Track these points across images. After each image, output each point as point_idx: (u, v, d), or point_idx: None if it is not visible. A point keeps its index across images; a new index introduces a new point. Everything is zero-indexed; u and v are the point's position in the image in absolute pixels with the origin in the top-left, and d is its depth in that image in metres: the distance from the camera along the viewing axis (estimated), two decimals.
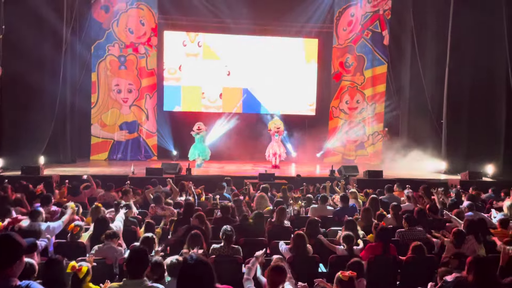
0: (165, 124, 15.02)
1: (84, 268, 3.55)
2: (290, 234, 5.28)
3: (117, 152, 14.68)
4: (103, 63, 14.47)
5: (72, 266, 3.54)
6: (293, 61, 15.96)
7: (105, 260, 4.39)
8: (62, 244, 4.97)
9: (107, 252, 4.49)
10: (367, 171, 10.82)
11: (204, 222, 5.27)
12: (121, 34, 14.52)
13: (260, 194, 7.34)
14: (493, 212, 6.93)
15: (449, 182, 10.97)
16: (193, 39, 15.42)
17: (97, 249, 4.55)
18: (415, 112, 14.70)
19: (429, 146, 13.53)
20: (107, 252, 4.49)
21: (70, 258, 3.73)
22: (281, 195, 7.81)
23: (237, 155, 14.74)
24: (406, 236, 5.36)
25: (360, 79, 15.86)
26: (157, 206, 6.64)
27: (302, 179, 10.23)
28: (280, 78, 15.89)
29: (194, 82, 15.49)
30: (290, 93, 15.98)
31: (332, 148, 15.72)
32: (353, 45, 15.70)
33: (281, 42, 15.85)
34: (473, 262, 3.36)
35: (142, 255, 3.10)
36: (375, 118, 15.87)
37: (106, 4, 14.32)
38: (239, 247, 4.77)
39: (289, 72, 15.95)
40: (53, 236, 5.11)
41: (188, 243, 4.46)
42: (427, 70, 14.10)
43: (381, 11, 15.49)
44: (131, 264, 3.04)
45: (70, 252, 4.56)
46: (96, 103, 14.52)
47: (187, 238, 4.54)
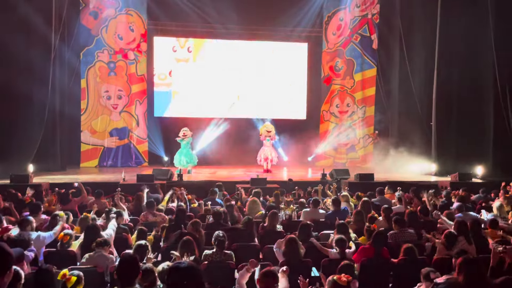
0: (155, 130, 14.96)
1: (73, 278, 3.52)
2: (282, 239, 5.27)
3: (107, 159, 14.58)
4: (92, 69, 14.39)
5: (63, 274, 3.51)
6: (283, 66, 16.02)
7: (96, 268, 4.35)
8: (52, 253, 4.91)
9: (98, 260, 4.45)
10: (358, 174, 10.86)
11: (198, 230, 5.26)
12: (110, 40, 14.46)
13: (252, 199, 7.34)
14: (483, 213, 6.99)
15: (439, 184, 11.06)
16: (183, 44, 15.42)
17: (88, 257, 4.51)
18: (404, 114, 14.83)
19: (419, 148, 13.63)
20: (98, 260, 4.45)
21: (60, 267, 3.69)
22: (273, 199, 7.81)
23: (228, 160, 14.73)
24: (397, 238, 5.39)
25: (350, 83, 15.97)
26: (148, 212, 6.59)
27: (294, 183, 10.24)
28: (270, 83, 15.95)
29: (185, 88, 15.47)
30: (281, 97, 16.04)
31: (323, 151, 15.79)
32: (342, 49, 15.82)
33: (271, 46, 15.91)
34: (463, 262, 3.37)
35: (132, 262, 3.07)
36: (365, 121, 15.99)
37: (95, 10, 14.28)
38: (231, 253, 4.76)
39: (279, 77, 16.02)
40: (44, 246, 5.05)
41: (180, 249, 4.44)
42: (416, 73, 14.23)
43: (370, 15, 15.65)
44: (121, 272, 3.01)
45: (61, 260, 4.51)
46: (86, 109, 14.43)
47: (179, 244, 4.51)
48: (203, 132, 14.92)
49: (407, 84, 14.39)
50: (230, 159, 14.74)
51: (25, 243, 4.57)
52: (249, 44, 15.78)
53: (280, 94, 16.02)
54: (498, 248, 4.04)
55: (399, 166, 13.51)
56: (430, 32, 13.47)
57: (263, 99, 15.91)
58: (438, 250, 5.01)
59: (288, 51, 16.04)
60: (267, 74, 15.91)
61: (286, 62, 16.05)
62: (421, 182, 11.26)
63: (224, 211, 6.21)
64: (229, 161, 14.72)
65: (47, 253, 4.93)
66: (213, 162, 14.81)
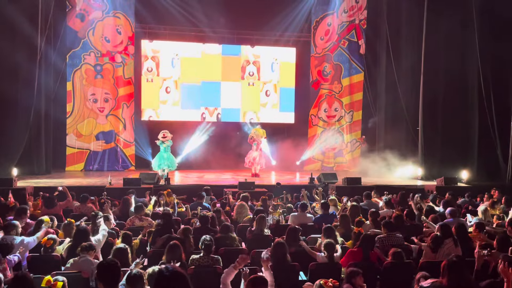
0: (142, 134, 14.86)
1: (59, 284, 3.46)
2: (270, 243, 5.27)
3: (93, 162, 14.43)
4: (78, 72, 14.25)
5: (47, 281, 3.45)
6: (271, 70, 16.08)
7: (81, 273, 4.29)
8: (36, 258, 4.83)
9: (82, 265, 4.39)
10: (346, 178, 10.93)
11: (188, 236, 5.23)
12: (97, 43, 14.35)
13: (240, 203, 7.33)
14: (468, 216, 7.09)
15: (426, 188, 11.18)
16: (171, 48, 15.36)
17: (73, 262, 4.45)
18: (391, 119, 14.99)
19: (406, 153, 13.78)
20: (83, 265, 4.39)
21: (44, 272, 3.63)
22: (261, 204, 7.81)
23: (216, 164, 14.69)
24: (385, 242, 5.42)
25: (337, 88, 16.09)
26: (136, 216, 6.54)
27: (282, 187, 10.26)
28: (259, 87, 16.00)
29: (172, 91, 15.42)
30: (270, 101, 16.09)
31: (312, 156, 15.85)
32: (330, 54, 15.94)
33: (259, 51, 15.96)
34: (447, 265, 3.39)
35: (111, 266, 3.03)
36: (353, 126, 16.11)
37: (81, 13, 14.15)
38: (218, 257, 4.74)
39: (267, 81, 16.07)
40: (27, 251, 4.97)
41: (166, 254, 4.41)
42: (403, 78, 14.40)
43: (357, 21, 15.81)
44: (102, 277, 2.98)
45: (45, 266, 4.44)
46: (72, 112, 14.27)
47: (166, 248, 4.48)
48: (191, 136, 14.88)
49: (394, 89, 14.55)
50: (218, 163, 14.70)
51: (8, 248, 4.49)
52: (237, 49, 15.78)
53: (269, 98, 16.07)
54: (482, 251, 4.09)
55: (386, 170, 13.62)
56: (416, 37, 13.67)
57: (252, 103, 15.95)
58: (425, 254, 5.06)
59: (276, 56, 16.11)
60: (256, 78, 15.95)
61: (275, 66, 16.11)
62: (408, 186, 11.37)
63: (211, 215, 6.19)
64: (217, 165, 14.68)
65: (30, 258, 4.85)
66: (201, 166, 14.75)
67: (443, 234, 5.10)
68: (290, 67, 16.21)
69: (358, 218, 6.25)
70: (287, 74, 16.18)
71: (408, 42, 14.27)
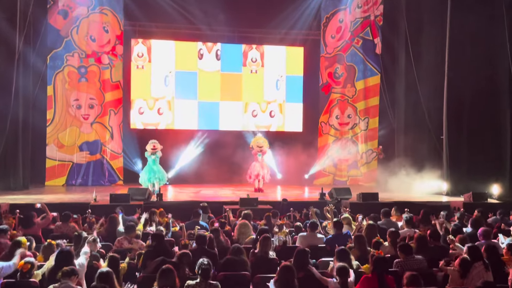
0: (132, 144, 14.90)
1: None
2: (276, 267, 5.25)
3: (76, 176, 14.46)
4: (60, 75, 14.36)
5: None
6: (276, 72, 16.17)
7: None
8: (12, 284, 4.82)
9: None
10: (361, 194, 10.90)
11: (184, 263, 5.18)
12: (82, 43, 14.47)
13: (242, 222, 7.31)
14: (501, 237, 7.03)
15: (452, 204, 11.15)
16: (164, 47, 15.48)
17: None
18: (412, 127, 14.97)
19: (429, 165, 13.72)
20: None
21: None
22: (264, 222, 7.79)
23: (214, 177, 14.69)
24: (405, 266, 5.39)
25: (351, 91, 16.13)
26: (125, 238, 6.52)
27: (289, 203, 10.24)
28: (262, 91, 16.06)
29: (165, 96, 15.50)
30: (274, 107, 16.14)
31: (322, 168, 15.84)
32: (342, 54, 16.01)
33: (263, 51, 16.06)
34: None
35: None
36: (369, 134, 16.11)
37: (64, 9, 14.29)
38: (217, 283, 4.72)
39: (272, 84, 16.14)
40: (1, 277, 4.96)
41: (158, 280, 4.40)
42: (424, 80, 14.41)
43: (372, 17, 15.90)
44: None
45: None
46: (53, 120, 14.34)
47: (158, 273, 4.47)
48: (186, 146, 14.90)
49: (414, 92, 14.55)
50: (216, 177, 14.70)
51: None
52: (238, 48, 15.89)
53: (274, 104, 16.14)
54: None
55: (407, 185, 13.56)
56: (439, 35, 13.69)
57: (254, 109, 16.02)
58: (452, 279, 5.02)
59: (282, 56, 16.19)
60: (259, 82, 16.03)
61: (280, 68, 16.19)
62: (431, 202, 11.34)
63: (209, 235, 6.18)
64: (215, 179, 14.68)
65: (4, 284, 4.84)
66: (197, 180, 14.75)
67: (472, 257, 5.06)
68: (297, 69, 16.27)
69: (376, 239, 6.22)
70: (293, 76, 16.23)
71: (430, 40, 14.30)
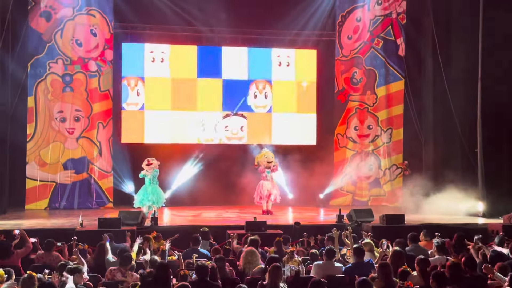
0: (123, 161, 14.94)
1: None
2: None
3: (60, 198, 14.49)
4: (42, 84, 14.47)
5: None
6: (286, 78, 16.23)
7: None
8: None
9: None
10: (385, 216, 10.83)
11: None
12: (66, 47, 14.61)
13: (249, 249, 7.27)
14: None
15: (489, 227, 11.06)
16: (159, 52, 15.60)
17: None
18: (442, 139, 14.91)
19: (462, 182, 13.62)
20: None
21: None
22: (274, 249, 7.75)
23: (216, 198, 14.69)
24: None
25: (371, 99, 16.13)
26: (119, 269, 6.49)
27: (302, 228, 10.19)
28: (270, 99, 16.11)
29: (161, 106, 15.59)
30: (284, 117, 16.17)
31: (339, 187, 15.78)
32: (361, 57, 16.05)
33: (270, 54, 16.14)
34: None
35: None
36: (393, 148, 16.05)
37: (47, 11, 14.43)
38: None
39: (281, 92, 16.19)
40: None
41: None
42: (455, 86, 14.38)
43: (394, 15, 15.95)
44: None
45: None
46: (33, 135, 14.43)
47: None
48: (185, 162, 14.91)
49: (444, 100, 14.53)
50: (218, 197, 14.70)
51: None
52: (242, 51, 16.00)
53: (283, 114, 16.18)
54: None
55: (437, 205, 13.47)
56: (471, 34, 13.69)
57: (261, 120, 16.06)
58: None
59: (292, 60, 16.26)
60: (266, 89, 16.09)
61: (290, 73, 16.26)
62: (466, 225, 11.26)
63: (212, 265, 6.15)
64: (217, 200, 14.68)
65: None
66: (197, 201, 14.75)
67: None
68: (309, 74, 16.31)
69: (403, 268, 6.16)
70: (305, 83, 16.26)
71: (461, 39, 14.32)
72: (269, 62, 16.12)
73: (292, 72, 16.26)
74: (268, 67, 16.13)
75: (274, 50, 16.12)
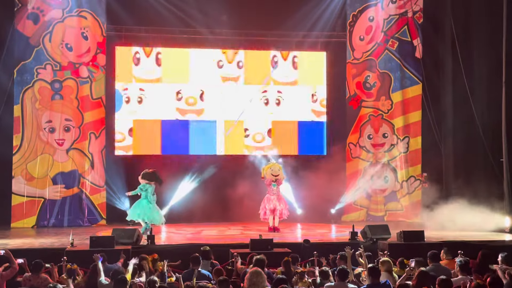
0: (117, 175, 14.94)
1: None
2: None
3: (49, 215, 14.49)
4: (30, 91, 14.51)
5: None
6: (292, 83, 16.28)
7: None
8: None
9: None
10: (402, 232, 10.78)
11: None
12: (56, 52, 14.68)
13: (254, 270, 7.23)
14: None
15: None
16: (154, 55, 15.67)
17: None
18: (463, 148, 14.87)
19: (486, 195, 13.57)
20: None
21: None
22: (282, 269, 7.72)
23: (218, 214, 14.68)
24: None
25: (386, 105, 16.11)
26: None
27: (312, 246, 10.16)
28: (275, 107, 16.15)
29: (157, 115, 15.65)
30: (291, 126, 16.18)
31: (353, 201, 15.74)
32: (374, 60, 16.06)
33: (276, 57, 16.19)
34: None
35: None
36: (410, 158, 15.99)
37: (35, 12, 14.50)
38: None
39: (287, 98, 16.23)
40: None
41: None
42: (477, 90, 14.37)
43: (410, 14, 15.97)
44: None
45: None
46: (20, 147, 14.46)
47: None
48: (184, 176, 14.90)
49: (465, 105, 14.50)
50: (220, 213, 14.69)
51: None
52: (245, 55, 16.06)
53: (290, 122, 16.20)
54: None
55: (459, 221, 13.42)
56: (494, 35, 13.69)
57: (266, 128, 16.08)
58: None
59: (299, 63, 16.31)
60: (271, 95, 16.12)
61: (298, 78, 16.30)
62: (491, 242, 11.19)
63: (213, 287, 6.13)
64: (219, 216, 14.67)
65: None
66: (197, 218, 14.72)
67: None
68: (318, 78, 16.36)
69: None
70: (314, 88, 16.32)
71: (483, 39, 14.32)
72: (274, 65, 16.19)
73: (300, 76, 16.30)
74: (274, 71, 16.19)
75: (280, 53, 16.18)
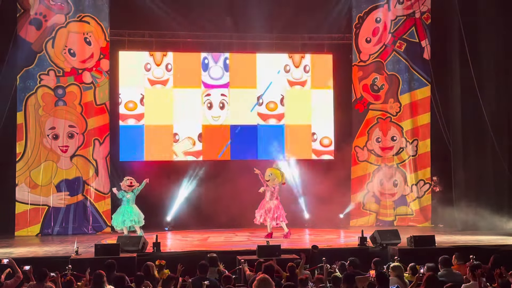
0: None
1: None
2: None
3: (53, 223, 14.51)
4: (33, 98, 14.56)
5: None
6: (298, 86, 16.29)
7: None
8: None
9: None
10: (413, 237, 10.74)
11: None
12: (59, 58, 14.73)
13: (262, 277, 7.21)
14: None
15: None
16: (160, 60, 15.71)
17: None
18: (474, 151, 14.79)
19: (498, 198, 13.52)
20: None
21: None
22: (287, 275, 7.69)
23: (225, 220, 14.66)
24: None
25: (394, 108, 16.07)
26: None
27: (320, 252, 10.12)
28: (282, 110, 16.15)
29: (163, 120, 15.68)
30: (297, 130, 16.19)
31: (361, 205, 15.70)
32: (381, 61, 16.04)
33: (281, 60, 16.21)
34: None
35: None
36: (419, 161, 15.93)
37: (37, 18, 14.55)
38: None
39: (294, 101, 16.24)
40: None
41: None
42: (488, 92, 14.31)
43: (418, 14, 15.94)
44: None
45: None
46: (23, 154, 14.50)
47: None
48: (190, 181, 14.91)
49: (476, 107, 14.44)
50: (227, 219, 14.67)
51: None
52: (250, 58, 16.09)
53: (297, 126, 16.21)
54: None
55: (471, 225, 13.35)
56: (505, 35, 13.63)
57: (273, 132, 16.09)
58: None
59: (305, 66, 16.30)
60: (277, 98, 16.13)
61: (303, 81, 16.30)
62: (504, 246, 11.09)
63: None
64: (225, 222, 14.65)
65: None
66: (203, 224, 14.72)
67: None
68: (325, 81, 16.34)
69: None
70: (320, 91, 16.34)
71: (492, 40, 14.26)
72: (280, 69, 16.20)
73: (305, 79, 16.30)
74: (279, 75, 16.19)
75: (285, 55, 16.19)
